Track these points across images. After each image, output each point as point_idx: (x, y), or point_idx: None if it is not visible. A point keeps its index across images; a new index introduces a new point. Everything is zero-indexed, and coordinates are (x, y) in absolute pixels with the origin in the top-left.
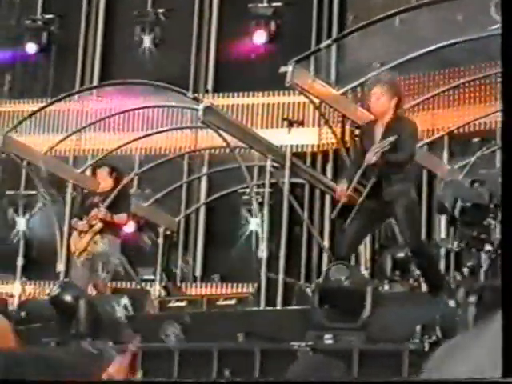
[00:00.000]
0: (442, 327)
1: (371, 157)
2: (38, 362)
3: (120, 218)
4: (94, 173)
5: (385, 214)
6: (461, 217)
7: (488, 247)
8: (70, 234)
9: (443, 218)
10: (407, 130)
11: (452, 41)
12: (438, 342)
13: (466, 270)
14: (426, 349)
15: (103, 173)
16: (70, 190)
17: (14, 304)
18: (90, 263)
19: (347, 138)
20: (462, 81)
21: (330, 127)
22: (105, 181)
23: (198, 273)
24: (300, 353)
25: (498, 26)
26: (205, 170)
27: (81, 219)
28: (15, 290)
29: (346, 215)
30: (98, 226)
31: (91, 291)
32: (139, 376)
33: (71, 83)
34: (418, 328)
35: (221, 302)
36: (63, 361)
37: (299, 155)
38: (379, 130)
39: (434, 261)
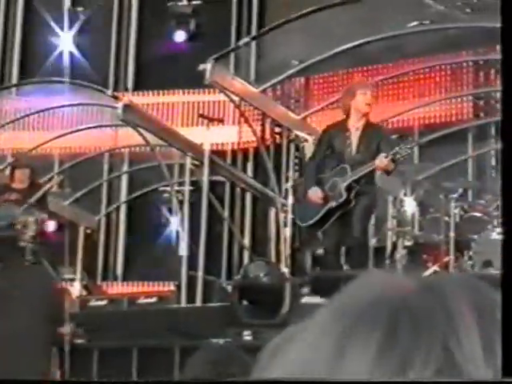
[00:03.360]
0: None
1: (384, 161)
2: None
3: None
4: (12, 172)
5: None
6: None
7: None
8: None
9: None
10: (386, 135)
11: (369, 38)
12: None
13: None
14: None
15: (25, 173)
16: None
17: None
18: None
19: (267, 135)
20: (380, 77)
21: (250, 125)
22: (24, 181)
23: (120, 271)
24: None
25: (415, 23)
26: (125, 168)
27: None
28: None
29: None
30: None
31: None
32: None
33: None
34: None
35: (141, 301)
36: None
37: (219, 153)
38: (355, 133)
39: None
